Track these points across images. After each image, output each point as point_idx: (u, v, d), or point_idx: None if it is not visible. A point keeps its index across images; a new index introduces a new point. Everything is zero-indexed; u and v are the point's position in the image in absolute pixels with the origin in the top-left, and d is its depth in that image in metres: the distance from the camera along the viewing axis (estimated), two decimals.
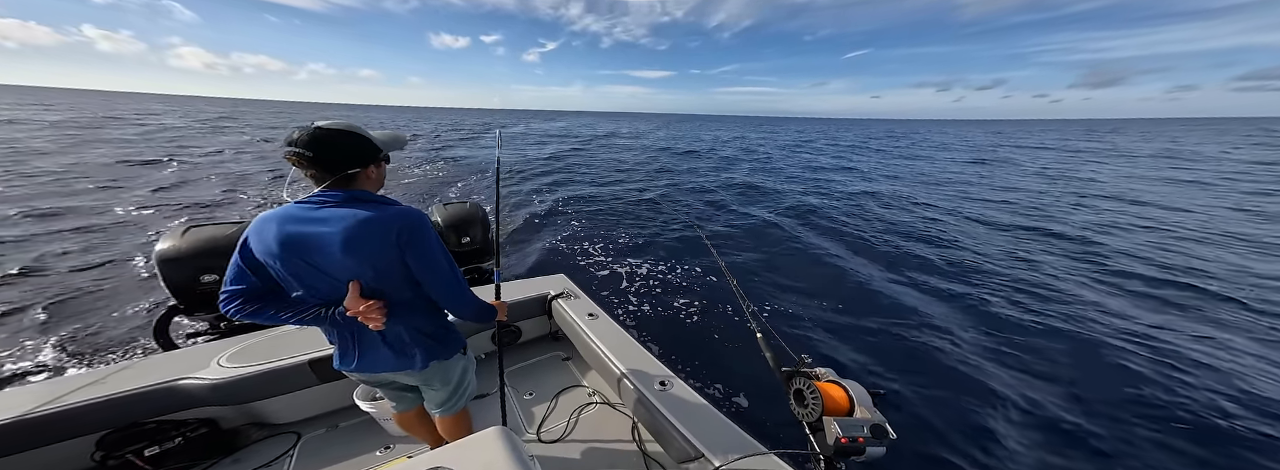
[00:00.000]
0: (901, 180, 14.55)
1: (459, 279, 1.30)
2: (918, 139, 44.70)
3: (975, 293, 5.17)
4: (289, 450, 1.98)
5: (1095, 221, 8.73)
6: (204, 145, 19.38)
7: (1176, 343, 4.07)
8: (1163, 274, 5.83)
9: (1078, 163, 20.68)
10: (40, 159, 13.26)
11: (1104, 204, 10.61)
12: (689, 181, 13.50)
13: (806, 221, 8.61)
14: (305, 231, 1.10)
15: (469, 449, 1.12)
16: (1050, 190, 12.73)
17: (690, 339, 4.04)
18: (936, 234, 7.69)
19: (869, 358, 3.83)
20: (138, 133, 23.13)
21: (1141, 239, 7.52)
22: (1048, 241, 7.41)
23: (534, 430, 2.13)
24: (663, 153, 22.12)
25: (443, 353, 1.44)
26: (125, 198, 9.24)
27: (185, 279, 2.36)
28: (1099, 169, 18.52)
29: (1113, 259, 6.44)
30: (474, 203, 3.41)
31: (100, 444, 1.70)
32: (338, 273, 1.15)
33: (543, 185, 12.32)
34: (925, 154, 25.62)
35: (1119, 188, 13.19)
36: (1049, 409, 3.19)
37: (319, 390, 2.08)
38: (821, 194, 11.61)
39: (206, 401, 1.88)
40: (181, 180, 11.47)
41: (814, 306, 4.82)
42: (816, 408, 1.01)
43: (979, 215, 9.43)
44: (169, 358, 2.01)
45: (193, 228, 2.49)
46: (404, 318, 1.29)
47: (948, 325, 4.37)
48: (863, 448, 0.91)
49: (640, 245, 7.04)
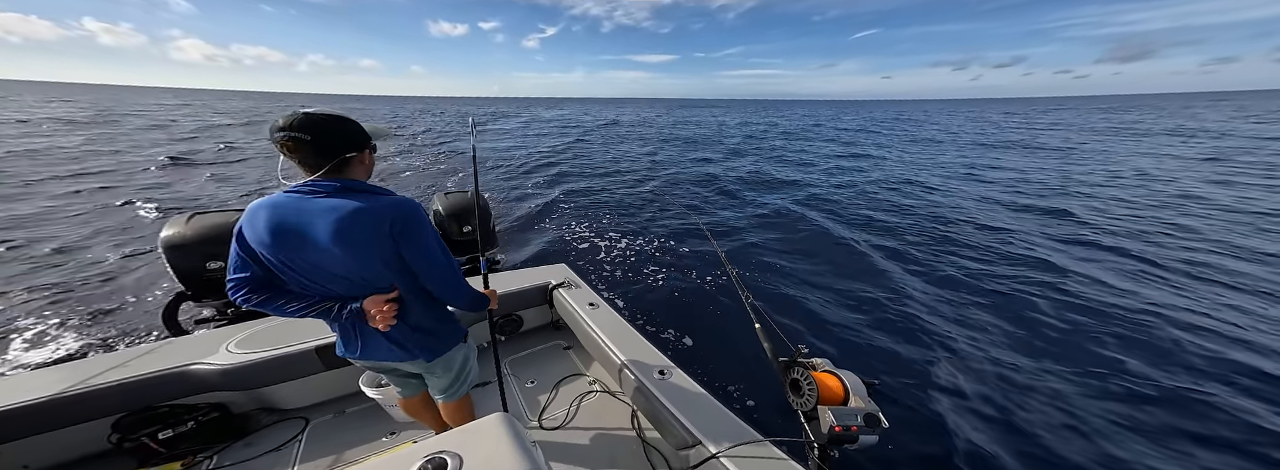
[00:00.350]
0: (900, 166, 14.40)
1: (455, 269, 1.29)
2: (922, 121, 43.76)
3: (979, 284, 5.18)
4: (298, 435, 2.03)
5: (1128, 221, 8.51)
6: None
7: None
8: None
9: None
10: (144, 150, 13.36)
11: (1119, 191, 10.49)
12: (689, 171, 13.43)
13: (806, 211, 8.59)
14: (297, 222, 1.09)
15: (472, 434, 1.15)
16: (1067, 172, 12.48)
17: (689, 329, 4.08)
18: (928, 221, 7.67)
19: (863, 347, 3.87)
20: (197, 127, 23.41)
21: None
22: (1053, 224, 7.38)
23: (536, 417, 2.18)
24: (666, 143, 21.92)
25: (442, 346, 1.46)
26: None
27: (192, 265, 2.39)
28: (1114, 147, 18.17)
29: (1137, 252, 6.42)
30: (472, 192, 3.40)
31: (116, 426, 1.75)
32: (330, 264, 1.14)
33: (544, 177, 12.28)
34: (926, 136, 25.36)
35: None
36: (1046, 396, 3.23)
37: (326, 376, 2.12)
38: (820, 185, 11.55)
39: (217, 386, 1.93)
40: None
41: (812, 297, 4.84)
42: (812, 397, 1.04)
43: (980, 197, 9.43)
44: (179, 343, 2.06)
45: (197, 215, 2.51)
46: (403, 309, 1.30)
47: (940, 311, 4.40)
48: (856, 436, 0.94)
49: (640, 236, 7.05)
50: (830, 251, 6.42)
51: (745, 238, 7.01)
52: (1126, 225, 7.51)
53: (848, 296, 4.87)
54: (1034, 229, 7.32)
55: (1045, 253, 6.17)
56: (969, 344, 3.94)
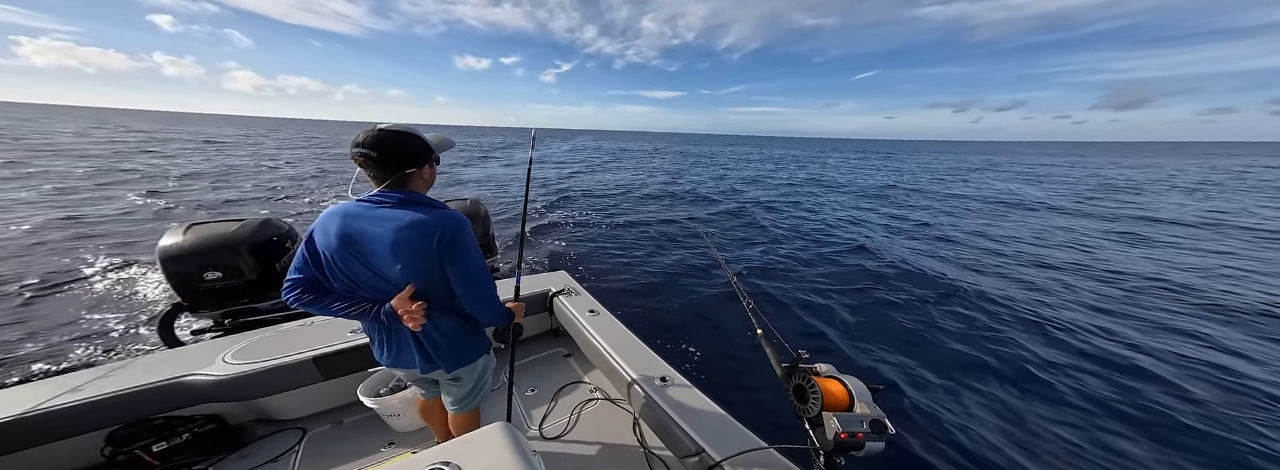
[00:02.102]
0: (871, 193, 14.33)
1: (491, 286, 1.35)
2: (904, 160, 41.90)
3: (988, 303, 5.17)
4: (295, 446, 2.00)
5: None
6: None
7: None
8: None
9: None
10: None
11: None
12: (691, 186, 13.47)
13: (805, 221, 8.59)
14: (363, 229, 1.19)
15: (472, 445, 1.13)
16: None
17: (691, 335, 4.05)
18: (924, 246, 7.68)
19: (867, 353, 3.84)
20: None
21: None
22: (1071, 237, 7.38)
23: (536, 426, 2.15)
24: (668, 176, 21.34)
25: (468, 356, 1.48)
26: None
27: (188, 276, 2.37)
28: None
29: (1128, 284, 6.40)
30: (474, 200, 3.41)
31: (110, 439, 1.72)
32: (384, 269, 1.22)
33: (548, 190, 12.32)
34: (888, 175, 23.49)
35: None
36: (1043, 405, 3.20)
37: (324, 387, 2.10)
38: (817, 205, 11.59)
39: (213, 398, 1.90)
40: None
41: (815, 302, 4.82)
42: (816, 403, 1.02)
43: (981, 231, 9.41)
44: (175, 354, 2.03)
45: (195, 225, 2.50)
46: (436, 320, 1.34)
47: (946, 323, 4.38)
48: (862, 443, 0.92)
49: (641, 242, 7.04)
50: (834, 259, 6.41)
51: (747, 245, 7.01)
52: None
53: (850, 301, 4.85)
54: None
55: (1047, 251, 6.17)
56: (980, 350, 3.92)
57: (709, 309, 4.62)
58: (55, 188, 10.77)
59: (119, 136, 31.80)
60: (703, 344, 3.92)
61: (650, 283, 5.36)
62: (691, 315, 4.51)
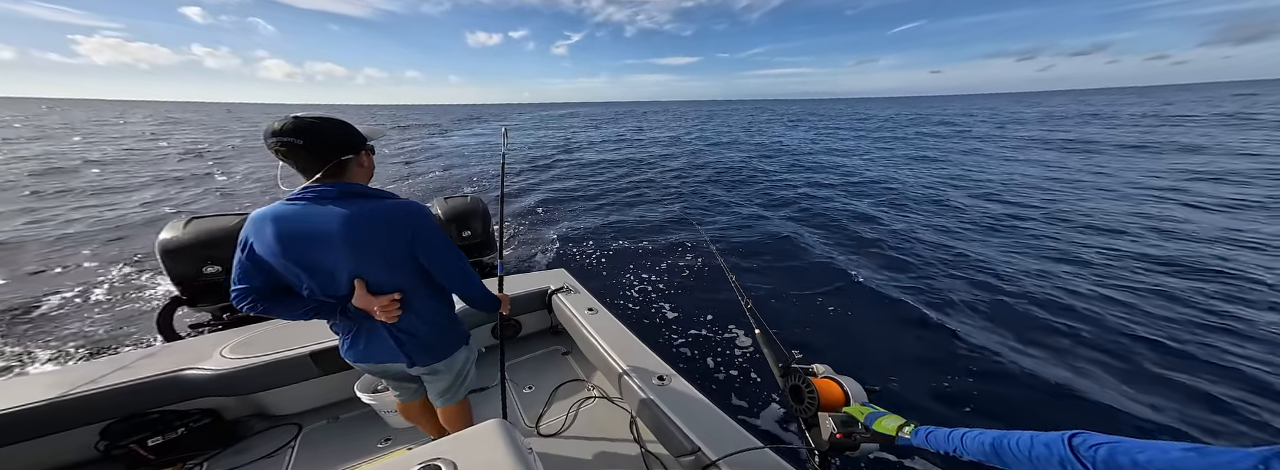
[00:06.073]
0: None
1: (468, 265, 1.35)
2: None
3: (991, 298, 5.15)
4: (290, 441, 2.00)
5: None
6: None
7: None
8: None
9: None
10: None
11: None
12: (689, 174, 13.43)
13: (806, 219, 8.60)
14: (307, 228, 1.10)
15: (468, 441, 1.13)
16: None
17: (689, 335, 4.05)
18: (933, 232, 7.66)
19: (862, 355, 3.84)
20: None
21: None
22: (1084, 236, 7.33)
23: (533, 423, 2.15)
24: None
25: (446, 347, 1.46)
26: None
27: (188, 270, 2.37)
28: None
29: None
30: (474, 196, 3.43)
31: (104, 434, 1.72)
32: (343, 267, 1.16)
33: (544, 180, 12.30)
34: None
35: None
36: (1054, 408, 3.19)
37: (321, 382, 2.10)
38: (824, 185, 11.55)
39: (209, 392, 1.90)
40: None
41: (812, 304, 4.83)
42: (812, 404, 1.02)
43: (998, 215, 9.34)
44: (172, 348, 2.03)
45: (194, 219, 2.50)
46: (410, 311, 1.30)
47: (945, 323, 4.37)
48: (857, 443, 0.92)
49: (641, 241, 7.04)
50: (831, 261, 6.41)
51: (746, 245, 7.01)
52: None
53: (848, 303, 4.85)
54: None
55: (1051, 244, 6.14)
56: (984, 346, 3.92)
57: (708, 309, 4.62)
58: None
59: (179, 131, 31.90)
60: (701, 343, 3.92)
61: (649, 281, 5.36)
62: (690, 314, 4.51)
